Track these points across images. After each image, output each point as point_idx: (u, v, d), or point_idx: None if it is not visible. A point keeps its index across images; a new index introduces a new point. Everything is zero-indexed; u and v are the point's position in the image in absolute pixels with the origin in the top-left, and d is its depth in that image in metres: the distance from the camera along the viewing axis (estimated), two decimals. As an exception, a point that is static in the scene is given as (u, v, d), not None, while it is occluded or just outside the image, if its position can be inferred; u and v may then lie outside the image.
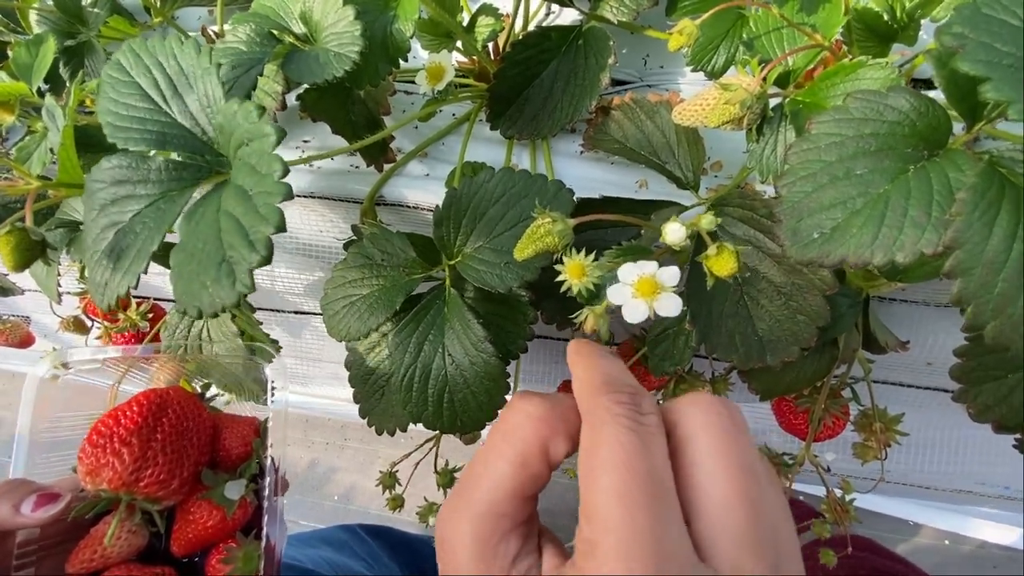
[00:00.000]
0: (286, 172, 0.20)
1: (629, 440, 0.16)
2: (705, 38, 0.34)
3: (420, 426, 0.35)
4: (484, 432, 0.41)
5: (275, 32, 0.29)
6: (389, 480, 0.40)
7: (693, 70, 0.36)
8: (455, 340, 0.28)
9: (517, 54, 0.37)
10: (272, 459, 0.35)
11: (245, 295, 0.21)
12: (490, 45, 0.41)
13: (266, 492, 0.34)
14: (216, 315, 0.21)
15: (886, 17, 0.31)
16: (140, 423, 0.32)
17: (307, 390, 0.77)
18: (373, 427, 0.36)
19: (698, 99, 0.29)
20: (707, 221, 0.23)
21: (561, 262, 0.24)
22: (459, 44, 0.38)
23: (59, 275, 0.42)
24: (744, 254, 0.32)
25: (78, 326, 0.54)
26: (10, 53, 0.34)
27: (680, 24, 0.26)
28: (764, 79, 0.27)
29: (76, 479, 0.33)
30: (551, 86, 0.39)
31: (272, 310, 0.58)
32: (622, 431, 0.16)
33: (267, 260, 0.21)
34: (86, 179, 0.23)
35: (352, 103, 0.40)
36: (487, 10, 0.35)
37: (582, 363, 0.20)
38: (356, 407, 0.37)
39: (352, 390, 0.38)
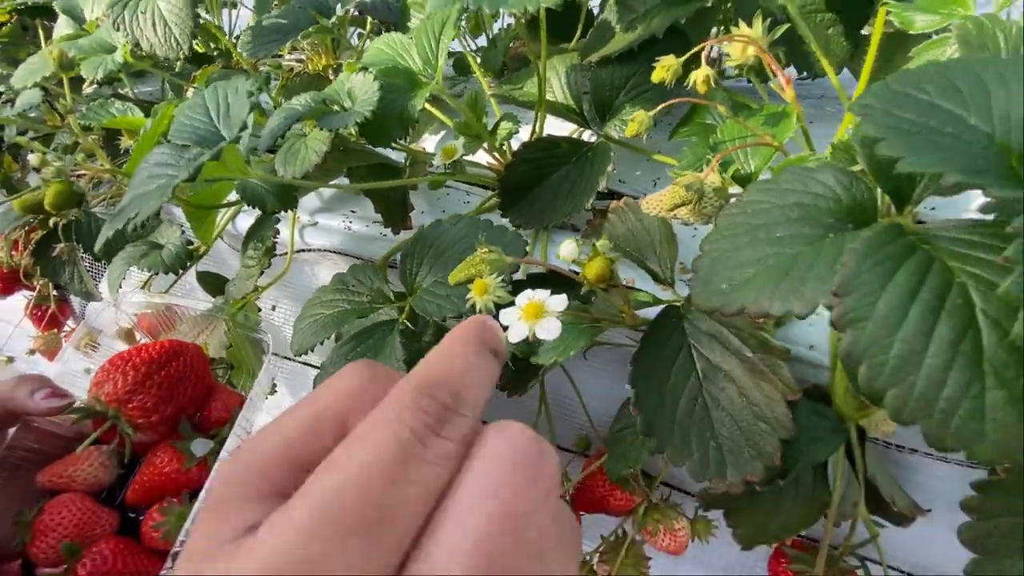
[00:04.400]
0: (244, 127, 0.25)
1: (388, 452, 0.13)
2: (694, 156, 0.37)
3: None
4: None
5: (327, 102, 0.37)
6: None
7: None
8: (384, 363, 0.28)
9: (526, 153, 0.42)
10: (245, 434, 0.37)
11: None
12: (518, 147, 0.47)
13: (225, 457, 0.35)
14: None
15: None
16: (154, 359, 0.37)
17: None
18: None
19: (663, 191, 0.31)
20: (601, 244, 0.23)
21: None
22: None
23: (123, 277, 0.50)
24: (708, 349, 0.30)
25: (128, 338, 0.60)
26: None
27: (635, 114, 0.30)
28: (723, 174, 0.29)
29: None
30: (559, 186, 0.44)
31: (284, 357, 0.62)
32: (391, 438, 0.13)
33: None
34: (140, 163, 0.29)
35: (400, 190, 0.47)
36: (509, 117, 0.42)
37: (444, 345, 0.16)
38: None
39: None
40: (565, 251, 0.23)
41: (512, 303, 0.23)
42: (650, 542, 0.38)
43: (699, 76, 0.27)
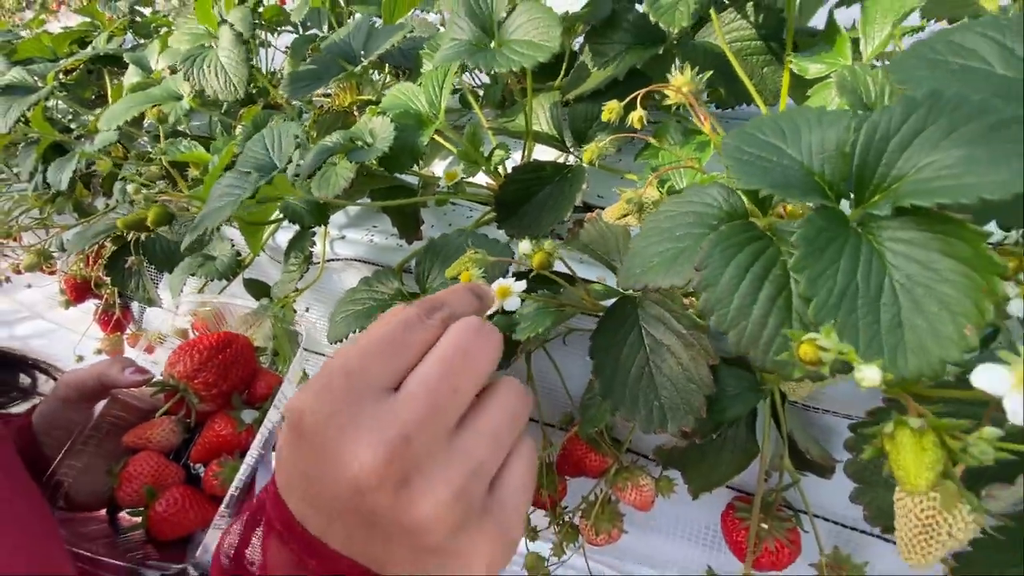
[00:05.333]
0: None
1: (399, 320, 0.24)
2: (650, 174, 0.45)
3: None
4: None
5: (353, 139, 0.46)
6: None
7: (644, 197, 0.46)
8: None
9: (516, 176, 0.50)
10: (281, 403, 0.46)
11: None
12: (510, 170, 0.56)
13: (267, 424, 0.44)
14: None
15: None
16: (212, 345, 0.47)
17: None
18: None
19: (615, 204, 0.39)
20: (547, 244, 0.31)
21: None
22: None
23: (184, 283, 0.60)
24: (655, 328, 0.38)
25: (183, 335, 0.70)
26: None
27: (590, 146, 0.38)
28: (661, 190, 0.37)
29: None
30: (545, 202, 0.52)
31: (315, 352, 0.71)
32: (400, 315, 0.24)
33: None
34: (213, 186, 0.39)
35: (414, 206, 0.56)
36: (501, 146, 0.51)
37: (453, 288, 0.28)
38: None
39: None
40: (523, 248, 0.31)
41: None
42: (621, 497, 0.45)
43: (635, 117, 0.35)
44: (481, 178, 0.55)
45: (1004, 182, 0.18)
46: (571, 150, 0.53)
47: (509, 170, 0.54)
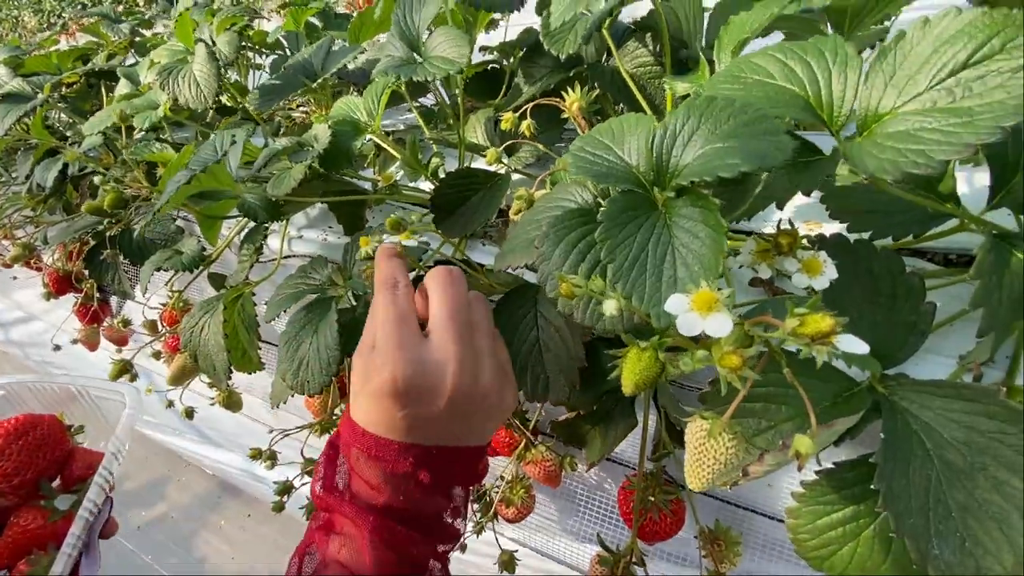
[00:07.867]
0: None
1: (385, 298, 0.34)
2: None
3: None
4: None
5: (301, 144, 0.52)
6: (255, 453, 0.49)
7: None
8: (323, 329, 0.42)
9: (450, 180, 0.56)
10: (106, 483, 0.40)
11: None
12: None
13: (88, 506, 0.38)
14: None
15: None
16: (11, 431, 0.43)
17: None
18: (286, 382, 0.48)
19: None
20: (415, 215, 0.36)
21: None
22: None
23: (152, 274, 0.65)
24: (547, 311, 0.43)
25: (151, 327, 0.75)
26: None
27: (490, 151, 0.43)
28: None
29: None
30: (478, 206, 0.57)
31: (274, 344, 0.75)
32: (382, 295, 0.35)
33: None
34: (168, 180, 0.44)
35: (358, 206, 0.62)
36: (436, 154, 0.57)
37: (379, 264, 0.38)
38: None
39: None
40: (387, 221, 0.37)
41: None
42: (527, 472, 0.49)
43: (524, 126, 0.41)
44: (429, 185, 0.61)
45: (734, 164, 0.24)
46: (501, 159, 0.59)
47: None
